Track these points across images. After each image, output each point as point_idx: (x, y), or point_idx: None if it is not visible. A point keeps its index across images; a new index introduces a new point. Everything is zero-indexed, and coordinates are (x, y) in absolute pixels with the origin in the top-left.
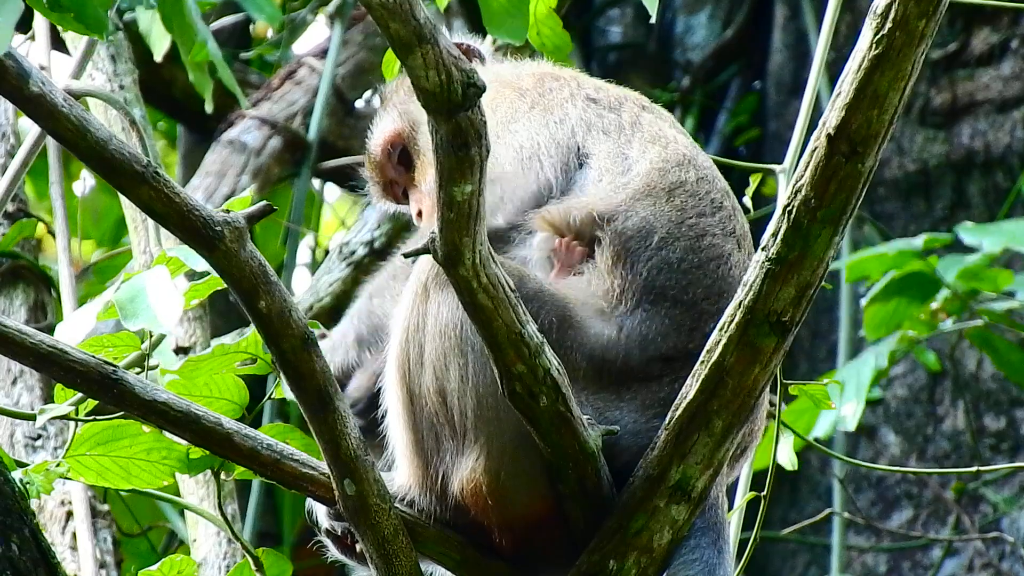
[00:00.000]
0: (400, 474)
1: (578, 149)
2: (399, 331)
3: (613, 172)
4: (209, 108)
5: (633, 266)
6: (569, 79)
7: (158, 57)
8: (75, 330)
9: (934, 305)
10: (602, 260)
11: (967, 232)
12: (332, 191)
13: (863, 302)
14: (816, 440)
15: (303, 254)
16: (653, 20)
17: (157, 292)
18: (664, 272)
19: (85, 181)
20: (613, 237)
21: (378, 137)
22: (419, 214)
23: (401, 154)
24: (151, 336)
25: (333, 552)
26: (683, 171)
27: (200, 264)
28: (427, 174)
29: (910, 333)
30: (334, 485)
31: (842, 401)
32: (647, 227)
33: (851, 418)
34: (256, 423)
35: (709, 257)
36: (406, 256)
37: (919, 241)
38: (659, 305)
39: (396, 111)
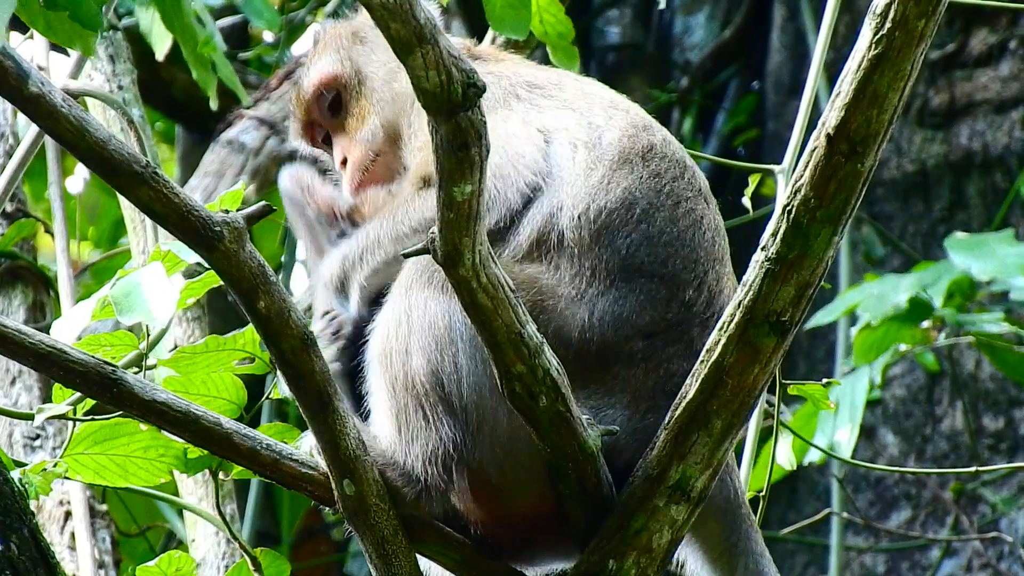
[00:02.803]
0: (384, 436)
1: (540, 131)
2: (395, 320)
3: (587, 144)
4: (214, 105)
5: (611, 242)
6: (504, 73)
7: (160, 56)
8: (71, 327)
9: (925, 324)
10: (576, 241)
11: (956, 249)
12: None
13: (853, 331)
14: (808, 464)
15: (302, 254)
16: (663, 5)
17: (152, 287)
18: (644, 247)
19: (84, 180)
20: (595, 214)
21: (313, 76)
22: (343, 162)
23: (334, 99)
24: (148, 336)
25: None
26: (649, 134)
27: (192, 256)
28: (367, 123)
29: (902, 347)
30: (333, 485)
31: (836, 424)
32: (629, 198)
33: (846, 444)
34: (255, 423)
35: (686, 225)
36: (406, 256)
37: (903, 298)
38: (633, 282)
39: (339, 55)
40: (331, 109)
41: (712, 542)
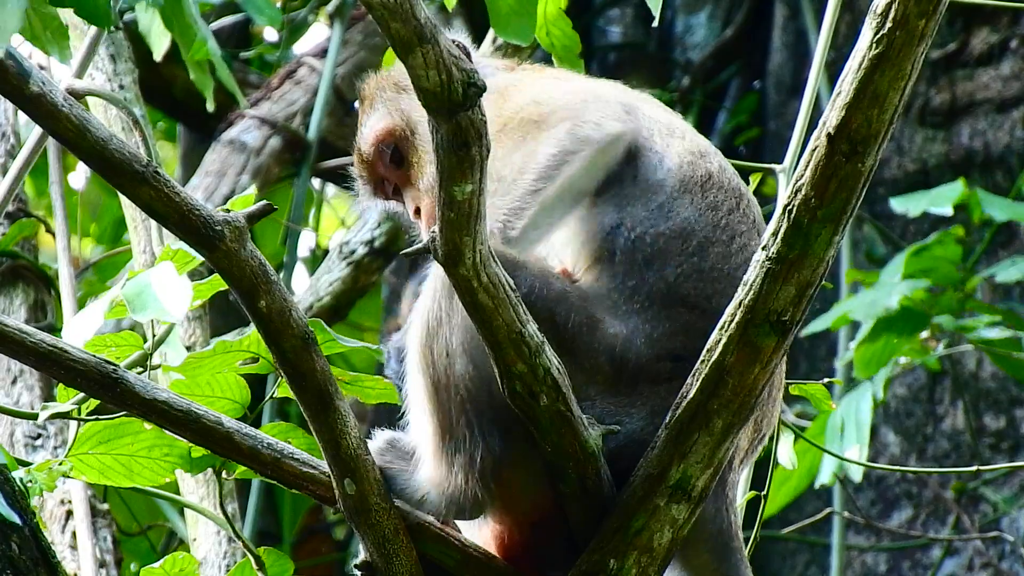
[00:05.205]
0: (427, 469)
1: None
2: (435, 319)
3: (647, 168)
4: (211, 106)
5: (661, 269)
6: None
7: (158, 56)
8: (83, 329)
9: (924, 334)
10: (626, 259)
11: (898, 202)
12: (332, 190)
13: (853, 345)
14: (821, 485)
15: (302, 253)
16: (656, 22)
17: (164, 284)
18: (692, 279)
19: (85, 177)
20: (652, 239)
21: (369, 135)
22: (416, 211)
23: (393, 152)
24: (154, 335)
25: None
26: (707, 161)
27: None
28: (425, 171)
29: (902, 360)
30: (334, 484)
31: (844, 443)
32: (687, 229)
33: (856, 469)
34: (257, 422)
35: (739, 262)
36: (406, 256)
37: (894, 300)
38: (672, 309)
39: (386, 108)
40: (394, 162)
41: (702, 572)
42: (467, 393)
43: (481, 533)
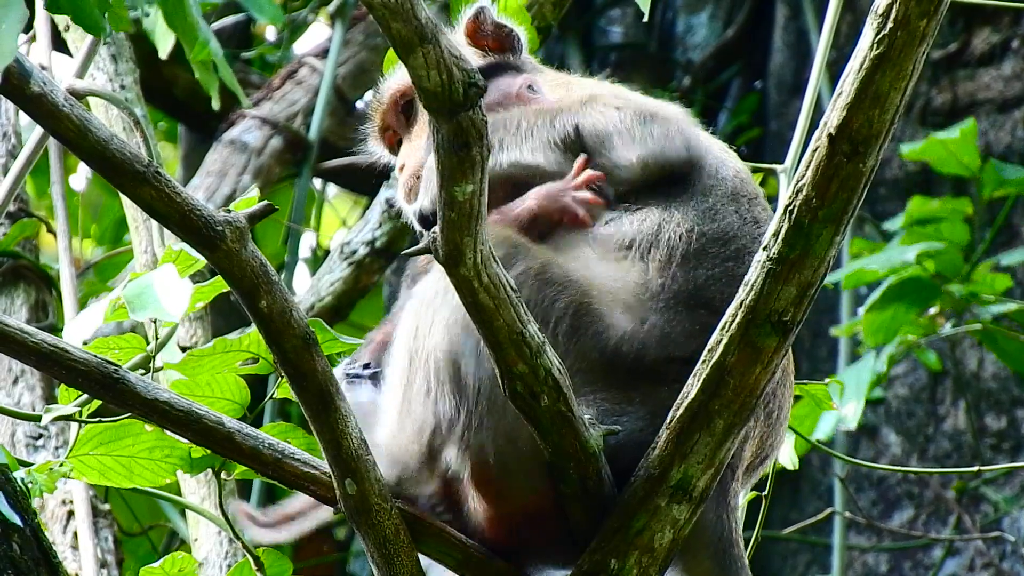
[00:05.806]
0: (384, 426)
1: None
2: (431, 294)
3: (707, 172)
4: (216, 104)
5: (694, 269)
6: (607, 92)
7: (163, 55)
8: (83, 328)
9: (932, 311)
10: (662, 253)
11: (908, 147)
12: (333, 190)
13: (861, 311)
14: (818, 440)
15: (304, 254)
16: (646, 18)
17: (164, 285)
18: (722, 283)
19: (86, 178)
20: (697, 236)
21: (392, 83)
22: (401, 167)
23: (406, 106)
24: (157, 337)
25: None
26: (752, 182)
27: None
28: (427, 131)
29: (909, 337)
30: (335, 485)
31: (843, 401)
32: (729, 233)
33: (851, 417)
34: (257, 423)
35: None
36: (406, 255)
37: (911, 254)
38: (695, 312)
39: None
40: (404, 115)
41: None
42: (436, 364)
43: (482, 532)
